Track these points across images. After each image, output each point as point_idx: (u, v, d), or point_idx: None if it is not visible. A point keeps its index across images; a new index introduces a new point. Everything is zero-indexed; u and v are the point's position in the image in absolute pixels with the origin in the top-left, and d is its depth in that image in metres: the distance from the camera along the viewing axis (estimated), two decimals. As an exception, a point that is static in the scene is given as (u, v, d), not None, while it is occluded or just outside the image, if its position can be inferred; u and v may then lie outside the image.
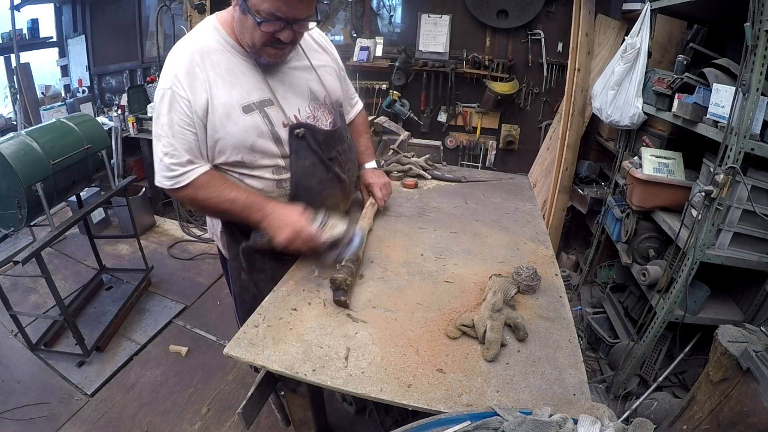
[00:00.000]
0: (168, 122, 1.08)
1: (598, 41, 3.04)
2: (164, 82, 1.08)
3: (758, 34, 1.42)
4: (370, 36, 3.73)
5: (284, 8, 0.99)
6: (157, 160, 1.13)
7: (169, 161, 1.11)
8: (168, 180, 1.13)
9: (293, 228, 1.11)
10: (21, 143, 1.95)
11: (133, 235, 2.84)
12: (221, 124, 1.10)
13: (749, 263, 1.72)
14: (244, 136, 1.12)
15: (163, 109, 1.08)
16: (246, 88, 1.12)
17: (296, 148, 1.19)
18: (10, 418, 1.93)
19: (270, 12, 0.99)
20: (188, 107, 1.07)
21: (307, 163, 1.21)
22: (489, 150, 3.75)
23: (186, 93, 1.06)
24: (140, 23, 4.31)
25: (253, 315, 0.99)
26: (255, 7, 0.99)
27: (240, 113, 1.11)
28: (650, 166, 2.04)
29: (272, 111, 1.15)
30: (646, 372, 2.10)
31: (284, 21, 1.02)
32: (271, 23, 1.01)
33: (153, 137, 1.13)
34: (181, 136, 1.09)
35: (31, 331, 2.32)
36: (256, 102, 1.13)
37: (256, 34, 1.05)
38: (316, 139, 1.22)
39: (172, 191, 1.15)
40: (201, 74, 1.08)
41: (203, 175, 1.14)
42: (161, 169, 1.13)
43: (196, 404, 2.04)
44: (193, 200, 1.17)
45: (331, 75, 1.34)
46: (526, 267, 1.12)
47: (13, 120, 4.20)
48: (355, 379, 0.83)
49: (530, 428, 0.65)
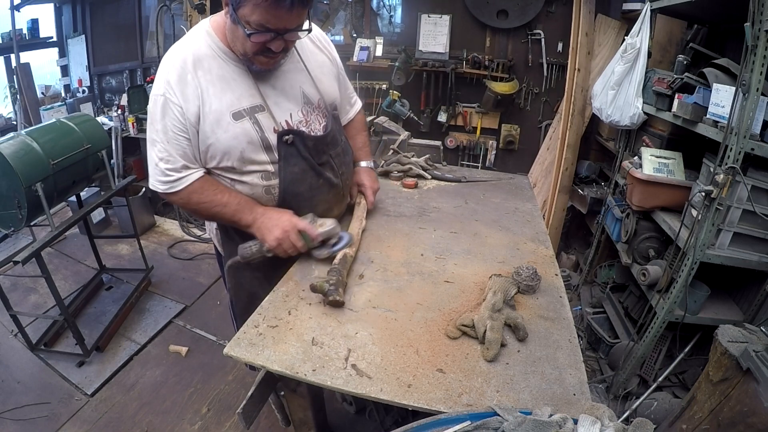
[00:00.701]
0: (162, 128, 1.10)
1: (598, 41, 3.04)
2: (157, 88, 1.09)
3: (758, 34, 1.42)
4: (370, 36, 3.73)
5: (273, 20, 0.99)
6: (152, 164, 1.15)
7: (164, 166, 1.13)
8: (163, 185, 1.15)
9: (283, 227, 1.15)
10: (21, 143, 1.95)
11: (133, 235, 2.84)
12: (212, 131, 1.11)
13: (749, 263, 1.72)
14: (234, 143, 1.13)
15: (157, 115, 1.10)
16: (237, 95, 1.12)
17: (285, 155, 1.19)
18: (10, 418, 1.93)
19: (259, 23, 0.99)
20: (181, 114, 1.08)
21: (296, 170, 1.21)
22: (489, 150, 3.75)
23: (178, 100, 1.07)
24: (140, 23, 4.31)
25: (253, 315, 0.99)
26: (245, 18, 0.98)
27: (230, 120, 1.11)
28: (650, 166, 2.04)
29: (263, 117, 1.15)
30: (646, 372, 2.10)
31: (274, 32, 1.02)
32: (261, 34, 1.01)
33: (148, 142, 1.15)
34: (176, 142, 1.11)
35: (31, 331, 2.32)
36: (247, 108, 1.13)
37: (247, 44, 1.04)
38: (306, 145, 1.21)
39: (166, 195, 1.18)
40: (192, 81, 1.08)
41: (197, 180, 1.16)
42: (156, 173, 1.15)
43: (196, 404, 2.04)
44: (186, 204, 1.20)
45: (328, 76, 1.33)
46: (526, 267, 1.12)
47: (13, 120, 4.20)
48: (355, 379, 0.83)
49: (530, 428, 0.65)
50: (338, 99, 1.39)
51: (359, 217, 1.38)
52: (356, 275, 1.16)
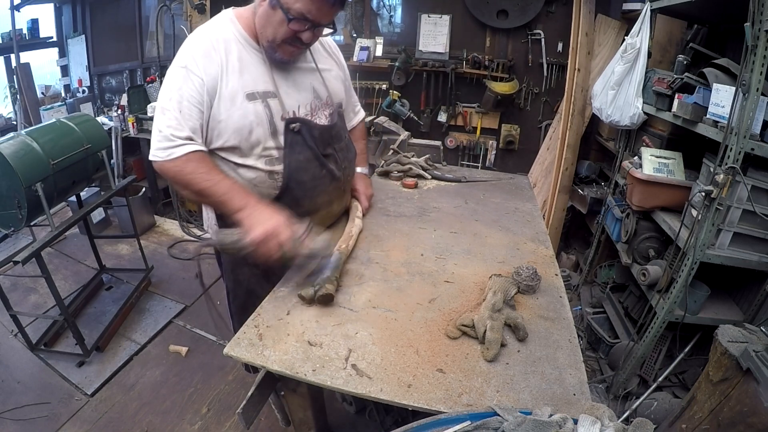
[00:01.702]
0: (178, 98, 1.10)
1: (598, 41, 3.04)
2: (180, 61, 1.11)
3: (758, 34, 1.42)
4: (370, 36, 3.73)
5: (314, 12, 1.06)
6: (156, 132, 1.12)
7: (170, 131, 1.10)
8: (163, 150, 1.11)
9: (272, 227, 1.07)
10: (21, 143, 1.95)
11: (133, 235, 2.84)
12: (225, 109, 1.13)
13: (749, 263, 1.72)
14: (244, 122, 1.15)
15: (175, 85, 1.10)
16: (253, 78, 1.16)
17: (291, 142, 1.21)
18: (10, 418, 1.92)
19: (300, 12, 1.05)
20: (201, 86, 1.10)
21: (301, 158, 1.23)
22: (489, 150, 3.75)
23: (201, 72, 1.10)
24: (140, 23, 4.31)
25: (253, 315, 0.99)
26: (287, 5, 1.05)
27: (244, 99, 1.14)
28: (650, 166, 2.04)
29: (273, 103, 1.18)
30: (646, 372, 2.10)
31: (311, 23, 1.08)
32: (299, 22, 1.08)
33: (157, 111, 1.13)
34: (188, 113, 1.11)
35: (31, 331, 2.32)
36: (260, 92, 1.17)
37: (280, 30, 1.09)
38: (312, 135, 1.23)
39: (161, 163, 1.12)
40: (216, 58, 1.12)
41: (198, 152, 1.13)
42: (159, 140, 1.11)
43: (196, 404, 2.04)
44: (179, 173, 1.12)
45: (336, 79, 1.37)
46: (526, 267, 1.13)
47: (13, 120, 4.20)
48: (355, 379, 0.83)
49: (530, 428, 0.65)
50: (344, 101, 1.43)
51: (353, 218, 1.41)
52: (356, 275, 1.16)
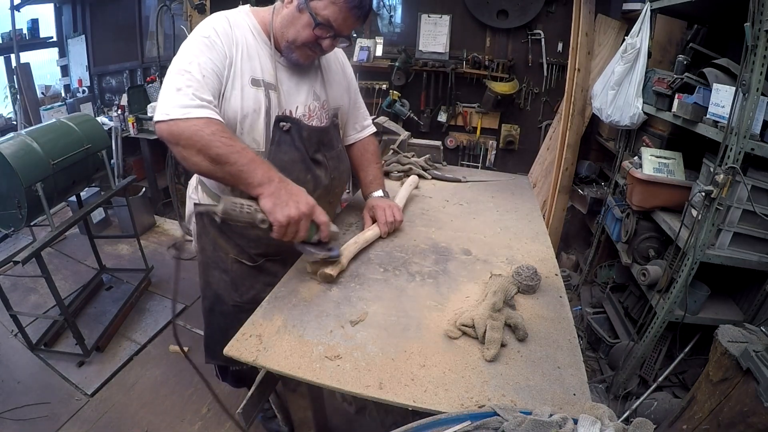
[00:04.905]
0: (198, 63, 1.04)
1: (598, 41, 3.04)
2: (201, 32, 1.09)
3: (758, 34, 1.42)
4: (370, 36, 3.73)
5: (341, 21, 1.09)
6: (171, 89, 1.00)
7: (190, 90, 1.00)
8: (180, 108, 0.97)
9: (301, 209, 0.98)
10: (21, 143, 1.95)
11: (133, 235, 2.84)
12: (228, 89, 1.13)
13: (749, 263, 1.72)
14: (243, 105, 1.14)
15: (196, 51, 1.06)
16: (261, 66, 1.17)
17: (279, 140, 1.20)
18: (10, 418, 1.92)
19: (327, 19, 1.08)
20: (223, 58, 1.10)
21: (285, 158, 1.21)
22: (489, 150, 3.75)
23: (222, 45, 1.10)
24: (140, 23, 4.31)
25: (253, 315, 0.99)
26: (316, 10, 1.07)
27: (248, 83, 1.14)
28: (650, 166, 2.04)
29: (273, 95, 1.19)
30: (646, 372, 2.10)
31: (334, 32, 1.11)
32: (324, 29, 1.10)
33: (171, 73, 1.03)
34: (210, 80, 1.06)
35: (31, 331, 2.32)
36: (265, 81, 1.17)
37: (303, 33, 1.11)
38: (301, 135, 1.22)
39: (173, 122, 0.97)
40: (234, 38, 1.13)
41: (217, 120, 1.02)
42: (176, 97, 0.98)
43: (196, 404, 2.04)
44: (196, 132, 0.96)
45: (338, 85, 1.37)
46: (526, 267, 1.13)
47: (13, 120, 4.20)
48: (355, 379, 0.83)
49: (530, 428, 0.65)
50: (344, 108, 1.42)
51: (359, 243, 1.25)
52: (356, 275, 1.16)
